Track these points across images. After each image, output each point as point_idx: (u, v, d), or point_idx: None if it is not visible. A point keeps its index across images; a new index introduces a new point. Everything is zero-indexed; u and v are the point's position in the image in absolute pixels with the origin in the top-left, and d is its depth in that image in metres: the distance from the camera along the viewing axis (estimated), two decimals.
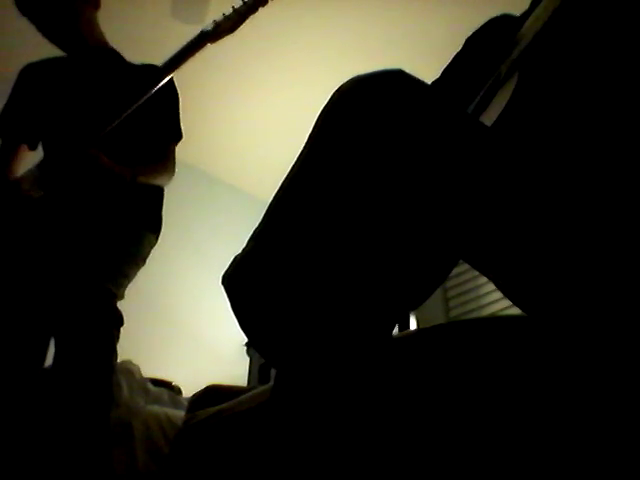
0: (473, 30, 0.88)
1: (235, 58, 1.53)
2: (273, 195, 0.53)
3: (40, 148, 1.70)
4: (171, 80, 1.70)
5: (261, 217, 0.53)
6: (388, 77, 0.50)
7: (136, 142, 1.62)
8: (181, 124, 1.77)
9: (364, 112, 0.48)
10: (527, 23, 0.71)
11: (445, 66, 0.87)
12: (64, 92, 1.64)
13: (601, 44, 0.59)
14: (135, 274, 1.59)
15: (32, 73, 1.72)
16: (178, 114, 1.76)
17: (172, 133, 1.74)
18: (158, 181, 1.66)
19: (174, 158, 1.72)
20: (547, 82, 0.60)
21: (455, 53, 0.88)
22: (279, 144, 3.60)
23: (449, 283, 3.09)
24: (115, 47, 1.79)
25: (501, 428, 0.52)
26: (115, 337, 1.43)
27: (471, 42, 0.87)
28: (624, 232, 0.47)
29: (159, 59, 1.55)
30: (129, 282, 1.56)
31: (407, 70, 0.51)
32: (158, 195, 1.71)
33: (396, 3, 2.85)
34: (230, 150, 3.90)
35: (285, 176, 0.53)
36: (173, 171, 1.71)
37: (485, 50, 0.82)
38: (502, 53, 0.74)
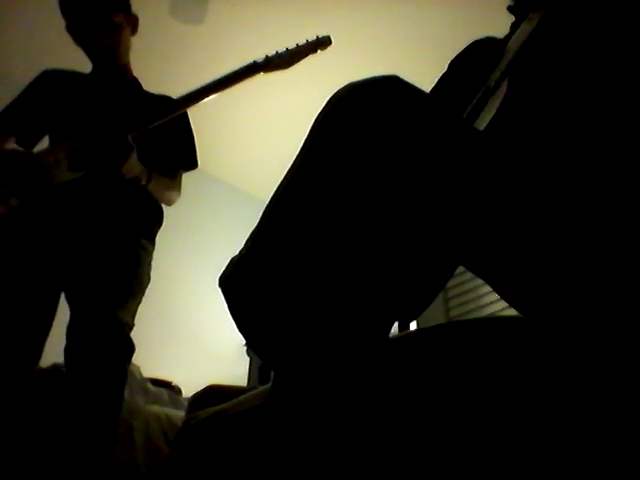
0: (473, 29, 0.88)
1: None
2: (269, 198, 0.53)
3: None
4: (185, 115, 1.75)
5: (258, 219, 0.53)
6: (383, 83, 0.50)
7: (151, 158, 1.62)
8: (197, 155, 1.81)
9: (359, 118, 0.48)
10: (513, 37, 0.72)
11: (433, 86, 0.86)
12: (81, 106, 1.64)
13: (587, 49, 0.59)
14: (143, 293, 1.58)
15: (53, 79, 1.72)
16: (194, 142, 1.80)
17: (187, 160, 1.78)
18: (166, 194, 1.67)
19: (180, 183, 1.75)
20: (536, 87, 0.60)
21: (442, 73, 0.87)
22: (279, 144, 3.60)
23: (449, 283, 3.09)
24: None
25: (500, 428, 0.52)
26: (127, 370, 1.43)
27: (456, 63, 0.86)
28: (619, 235, 0.47)
29: (158, 58, 1.55)
30: (138, 304, 1.55)
31: (407, 70, 0.51)
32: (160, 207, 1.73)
33: (397, 3, 2.85)
34: (230, 150, 3.90)
35: (280, 181, 0.53)
36: (179, 194, 1.74)
37: (472, 67, 0.81)
38: (490, 66, 0.74)
